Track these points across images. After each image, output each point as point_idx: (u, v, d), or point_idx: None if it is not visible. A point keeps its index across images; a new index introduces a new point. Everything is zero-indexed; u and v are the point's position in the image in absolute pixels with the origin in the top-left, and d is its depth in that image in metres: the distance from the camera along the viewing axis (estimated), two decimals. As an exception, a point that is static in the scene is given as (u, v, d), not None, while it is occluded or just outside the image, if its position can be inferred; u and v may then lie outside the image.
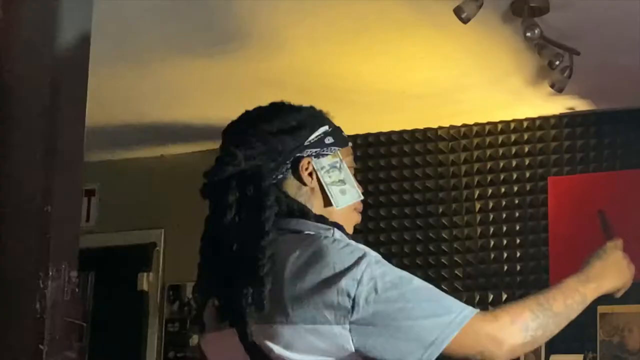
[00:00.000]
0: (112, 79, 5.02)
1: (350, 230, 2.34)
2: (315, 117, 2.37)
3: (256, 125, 2.32)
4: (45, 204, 2.18)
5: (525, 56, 4.58)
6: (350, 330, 2.08)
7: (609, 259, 2.40)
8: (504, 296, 5.34)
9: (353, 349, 2.10)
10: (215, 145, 6.40)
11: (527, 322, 2.16)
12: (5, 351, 2.18)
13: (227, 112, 5.75)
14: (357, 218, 2.40)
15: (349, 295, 2.07)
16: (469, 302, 5.37)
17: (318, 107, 2.45)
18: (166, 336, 6.09)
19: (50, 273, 2.18)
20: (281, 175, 2.28)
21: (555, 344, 5.11)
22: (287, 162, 2.29)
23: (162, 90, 5.24)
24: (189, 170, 6.17)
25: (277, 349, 2.12)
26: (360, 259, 2.10)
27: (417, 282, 2.13)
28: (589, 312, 5.01)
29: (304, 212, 2.26)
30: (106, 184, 6.39)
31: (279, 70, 4.89)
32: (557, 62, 4.37)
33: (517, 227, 5.41)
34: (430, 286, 2.15)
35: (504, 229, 5.43)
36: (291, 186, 2.29)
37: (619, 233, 4.75)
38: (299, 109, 2.37)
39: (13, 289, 2.19)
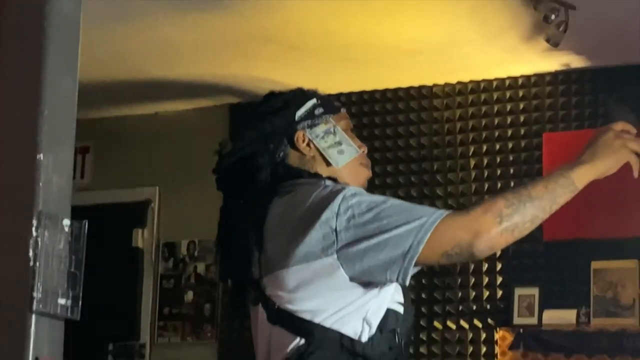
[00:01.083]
0: (106, 35, 5.00)
1: (361, 184, 2.47)
2: (301, 94, 2.54)
3: (248, 117, 2.54)
4: (37, 152, 2.17)
5: (520, 11, 4.56)
6: (338, 259, 2.22)
7: (599, 141, 2.35)
8: (498, 252, 5.34)
9: (347, 278, 2.23)
10: (210, 102, 6.41)
11: (500, 209, 2.20)
12: (-2, 300, 2.18)
13: (222, 68, 5.76)
14: (366, 172, 2.54)
15: (330, 228, 2.22)
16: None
17: (314, 64, 2.56)
18: (161, 293, 6.11)
19: (44, 221, 2.17)
20: (282, 153, 2.46)
21: (548, 299, 5.14)
22: (284, 139, 2.47)
23: (156, 46, 5.22)
24: (184, 128, 6.21)
25: (284, 295, 2.27)
26: (336, 193, 2.26)
27: (391, 201, 2.26)
28: (583, 268, 5.08)
29: (299, 174, 2.42)
30: (101, 141, 6.38)
31: (274, 27, 4.87)
32: (553, 17, 4.36)
33: (512, 184, 5.41)
34: (404, 202, 2.27)
35: (499, 185, 5.44)
36: (294, 159, 2.47)
37: (615, 189, 4.78)
38: (285, 92, 2.55)
39: (6, 237, 2.18)
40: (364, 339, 2.25)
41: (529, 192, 2.23)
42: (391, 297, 2.31)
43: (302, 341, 2.25)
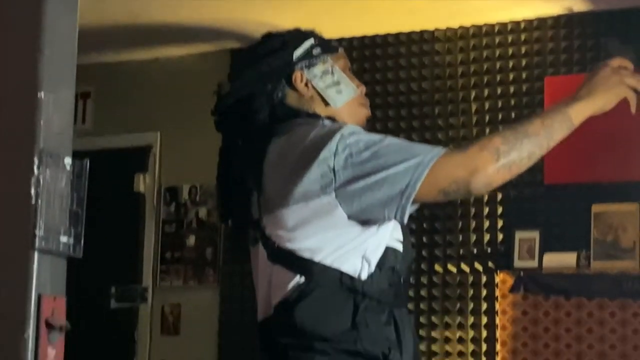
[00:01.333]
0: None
1: (359, 124, 2.47)
2: (299, 34, 2.53)
3: (246, 58, 2.54)
4: (38, 91, 2.18)
5: (522, -47, 4.54)
6: (336, 197, 2.24)
7: (596, 77, 2.34)
8: (499, 195, 5.36)
9: (346, 217, 2.25)
10: (211, 47, 6.41)
11: (497, 147, 2.21)
12: (0, 240, 2.19)
13: (223, 13, 5.73)
14: (365, 112, 2.55)
15: (328, 167, 2.23)
16: (465, 203, 5.40)
17: (315, 8, 2.56)
18: (163, 237, 6.14)
19: (45, 160, 2.18)
20: (281, 93, 2.46)
21: (549, 242, 5.16)
22: (282, 79, 2.46)
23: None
24: (185, 73, 6.20)
25: (284, 234, 2.29)
26: (334, 132, 2.26)
27: (389, 139, 2.27)
28: (583, 211, 5.09)
29: (297, 114, 2.42)
30: (102, 86, 6.38)
31: (275, -30, 4.84)
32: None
33: (513, 128, 5.40)
34: (402, 140, 2.29)
35: (500, 129, 5.41)
36: (293, 99, 2.46)
37: (616, 132, 4.78)
38: (283, 32, 2.54)
39: (7, 175, 2.19)
40: (364, 276, 2.27)
41: (525, 128, 2.24)
42: (390, 235, 2.32)
43: (302, 279, 2.27)
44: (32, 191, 2.15)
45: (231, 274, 5.93)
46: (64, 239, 2.21)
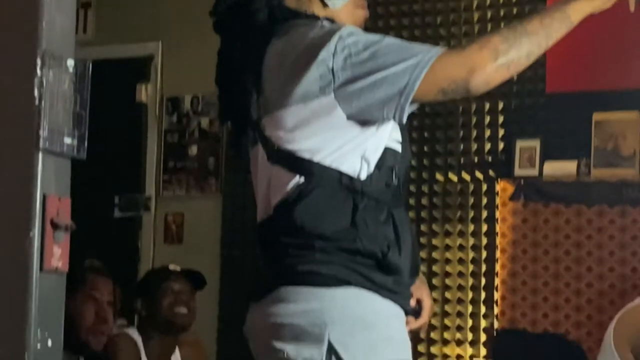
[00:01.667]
0: None
1: (358, 25, 2.45)
2: None
3: None
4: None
5: None
6: (335, 98, 2.25)
7: None
8: (500, 105, 5.36)
9: (345, 117, 2.26)
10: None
11: (496, 45, 2.22)
12: (5, 141, 2.21)
13: None
14: (362, 14, 2.52)
15: (327, 67, 2.24)
16: (466, 112, 5.42)
17: None
18: (165, 147, 6.16)
19: (48, 61, 2.19)
20: None
21: (549, 150, 5.19)
22: None
23: None
24: (186, -18, 6.16)
25: (283, 135, 2.30)
26: (333, 33, 2.26)
27: (388, 39, 2.27)
28: (584, 120, 5.10)
29: (296, 15, 2.40)
30: (102, -4, 6.36)
31: None
32: None
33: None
34: (401, 40, 2.29)
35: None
36: (291, 0, 2.42)
37: (618, 40, 4.77)
38: None
39: (11, 77, 2.21)
40: (363, 176, 2.29)
41: (524, 27, 2.24)
42: (389, 135, 2.33)
43: (302, 179, 2.29)
44: (36, 92, 2.17)
45: (234, 183, 5.97)
46: (67, 140, 2.24)
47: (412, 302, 2.40)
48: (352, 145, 2.28)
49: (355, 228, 2.26)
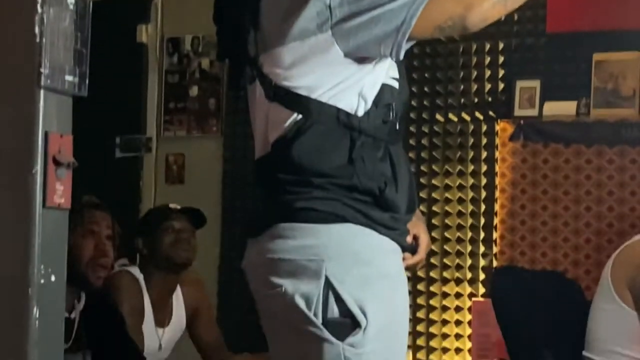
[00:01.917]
0: None
1: None
2: None
3: None
4: None
5: None
6: (333, 35, 2.26)
7: None
8: (500, 45, 5.36)
9: (342, 54, 2.27)
10: None
11: None
12: (7, 79, 2.22)
13: None
14: None
15: (324, 4, 2.25)
16: (467, 52, 5.41)
17: None
18: (166, 88, 6.17)
19: (48, -2, 2.20)
20: None
21: (549, 91, 5.19)
22: None
23: None
24: None
25: (281, 72, 2.31)
26: None
27: None
28: (584, 60, 5.11)
29: None
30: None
31: None
32: None
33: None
34: None
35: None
36: None
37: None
38: None
39: (11, 14, 2.21)
40: (360, 113, 2.30)
41: None
42: (386, 72, 2.34)
43: (300, 117, 2.30)
44: (37, 30, 2.17)
45: (234, 124, 5.98)
46: (69, 77, 2.25)
47: (409, 239, 2.41)
48: (349, 83, 2.29)
49: (352, 165, 2.27)
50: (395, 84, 2.37)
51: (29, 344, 2.13)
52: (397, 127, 2.36)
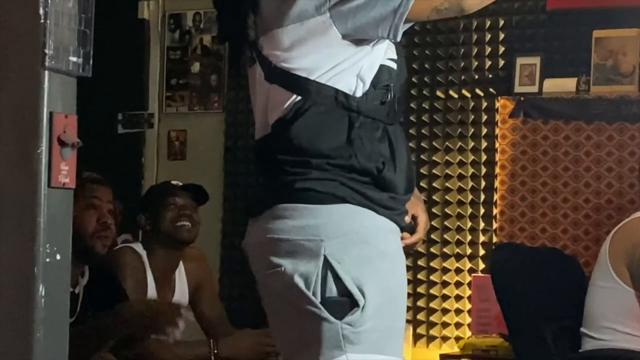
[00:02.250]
0: None
1: None
2: None
3: None
4: None
5: None
6: (331, 17, 2.28)
7: None
8: (501, 22, 5.37)
9: (340, 36, 2.30)
10: None
11: None
12: (12, 60, 2.25)
13: None
14: None
15: None
16: (467, 29, 5.42)
17: None
18: (168, 64, 6.18)
19: (53, -19, 2.22)
20: None
21: (549, 68, 5.21)
22: None
23: None
24: None
25: (280, 54, 2.34)
26: None
27: None
28: (584, 37, 5.12)
29: None
30: None
31: None
32: None
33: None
34: None
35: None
36: None
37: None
38: None
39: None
40: (358, 94, 2.32)
41: None
42: (384, 53, 2.36)
43: (299, 98, 2.32)
44: (41, 11, 2.20)
45: (236, 100, 6.00)
46: (73, 58, 2.27)
47: (407, 219, 2.43)
48: (347, 64, 2.31)
49: (350, 145, 2.30)
50: (394, 65, 2.39)
51: (35, 321, 2.17)
52: (396, 107, 2.39)
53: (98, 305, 3.46)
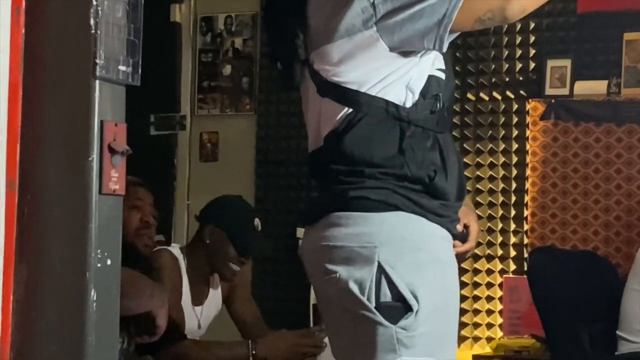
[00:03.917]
0: None
1: None
2: None
3: None
4: None
5: None
6: (377, 31, 2.33)
7: None
8: (531, 24, 5.39)
9: (387, 49, 2.35)
10: None
11: None
12: (64, 70, 2.29)
13: None
14: None
15: (368, 1, 2.33)
16: (498, 31, 5.44)
17: None
18: (199, 66, 6.23)
19: (101, -12, 2.26)
20: None
21: (580, 70, 5.23)
22: None
23: None
24: None
25: (331, 68, 2.39)
26: None
27: None
28: (615, 39, 5.14)
29: None
30: None
31: None
32: None
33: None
34: None
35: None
36: None
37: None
38: None
39: (68, 6, 2.28)
40: (408, 104, 2.36)
41: None
42: (432, 64, 2.40)
43: (350, 110, 2.37)
44: (92, 22, 2.24)
45: (267, 102, 6.05)
46: (122, 67, 2.32)
47: (459, 227, 2.47)
48: (396, 76, 2.36)
49: (402, 155, 2.34)
50: (442, 75, 2.43)
51: (87, 326, 2.21)
52: (445, 116, 2.43)
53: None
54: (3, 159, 2.24)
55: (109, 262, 2.26)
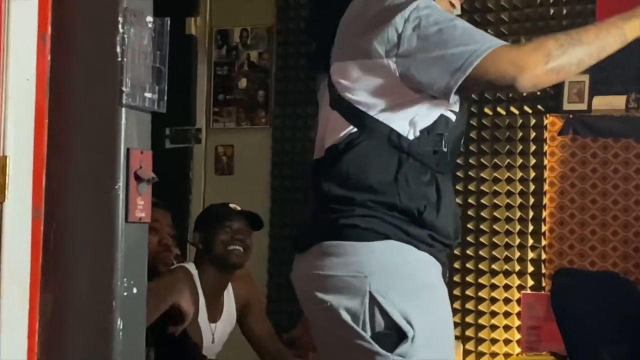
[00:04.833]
0: None
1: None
2: None
3: None
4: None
5: None
6: (396, 63, 2.35)
7: None
8: (550, 39, 5.37)
9: (399, 78, 2.37)
10: None
11: (549, 50, 2.29)
12: (90, 98, 2.28)
13: None
14: (453, 8, 2.56)
15: (397, 31, 2.34)
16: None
17: None
18: (215, 79, 6.22)
19: (129, 18, 2.26)
20: None
21: (599, 85, 5.20)
22: None
23: None
24: None
25: (346, 84, 2.43)
26: (411, 1, 2.35)
27: (458, 21, 2.36)
28: (634, 54, 5.10)
29: None
30: None
31: None
32: None
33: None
34: (469, 25, 2.36)
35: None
36: None
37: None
38: None
39: (94, 35, 2.27)
40: (411, 137, 2.40)
41: (580, 36, 2.32)
42: (447, 104, 2.42)
43: (355, 130, 2.41)
44: (118, 49, 2.24)
45: (283, 116, 6.04)
46: (148, 94, 2.31)
47: None
48: (403, 108, 2.40)
49: (395, 183, 2.37)
50: (453, 117, 2.44)
51: (114, 354, 2.21)
52: (449, 158, 2.44)
53: (156, 327, 3.51)
54: (29, 186, 2.24)
55: (134, 290, 2.26)
